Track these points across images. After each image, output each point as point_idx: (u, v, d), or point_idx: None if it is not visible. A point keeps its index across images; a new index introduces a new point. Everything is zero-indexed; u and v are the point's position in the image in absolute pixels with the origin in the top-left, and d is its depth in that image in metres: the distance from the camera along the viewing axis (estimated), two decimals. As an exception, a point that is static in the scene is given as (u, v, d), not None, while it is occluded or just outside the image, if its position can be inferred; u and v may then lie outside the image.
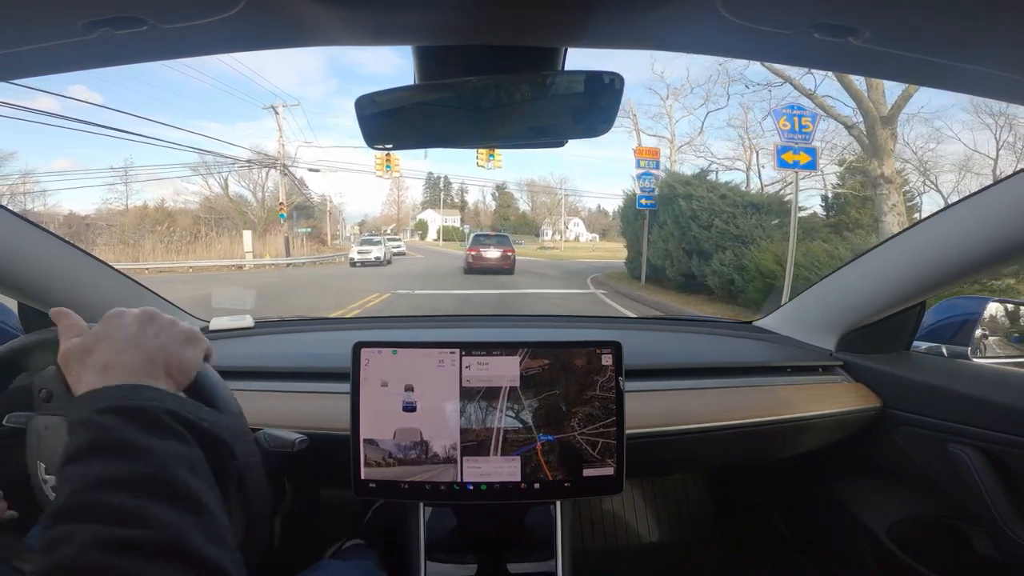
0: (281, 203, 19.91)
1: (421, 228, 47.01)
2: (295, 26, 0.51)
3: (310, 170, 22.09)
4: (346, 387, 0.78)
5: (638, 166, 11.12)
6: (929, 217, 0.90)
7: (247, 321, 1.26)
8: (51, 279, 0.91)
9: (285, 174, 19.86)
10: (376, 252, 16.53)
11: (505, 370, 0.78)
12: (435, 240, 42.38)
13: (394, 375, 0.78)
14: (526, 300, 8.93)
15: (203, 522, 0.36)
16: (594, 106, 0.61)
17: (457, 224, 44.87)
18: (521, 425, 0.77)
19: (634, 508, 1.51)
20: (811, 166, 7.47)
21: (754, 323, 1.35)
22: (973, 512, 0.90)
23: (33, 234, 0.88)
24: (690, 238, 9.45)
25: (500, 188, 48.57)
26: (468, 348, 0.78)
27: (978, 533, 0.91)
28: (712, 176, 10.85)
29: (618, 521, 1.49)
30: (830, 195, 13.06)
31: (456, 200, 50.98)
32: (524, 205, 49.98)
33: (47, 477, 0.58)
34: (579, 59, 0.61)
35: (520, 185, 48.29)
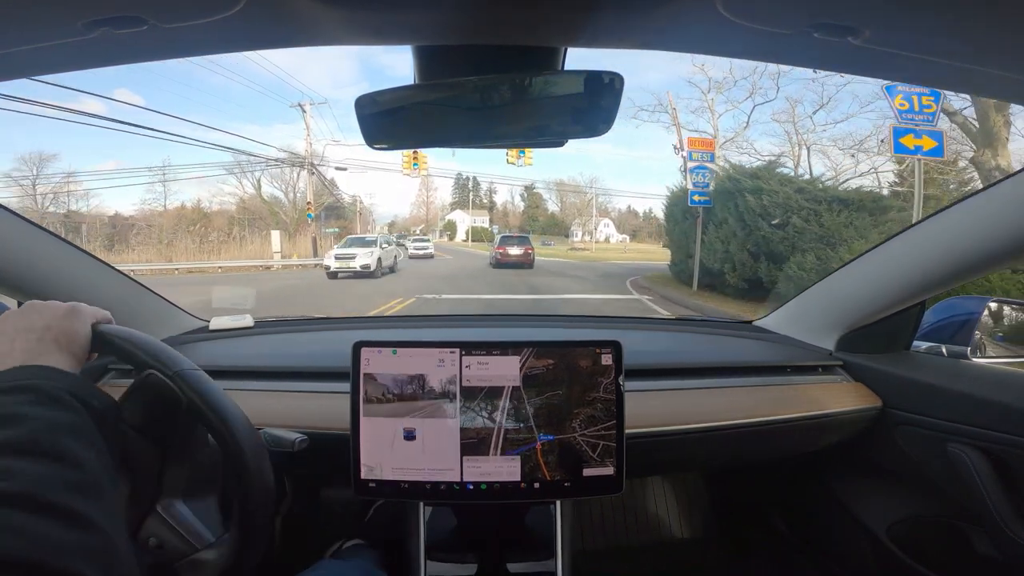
0: (309, 203, 19.44)
1: (450, 229, 46.35)
2: (295, 26, 0.51)
3: (337, 168, 21.69)
4: (346, 386, 0.78)
5: (690, 159, 9.81)
6: (929, 216, 0.90)
7: (247, 321, 1.26)
8: (51, 279, 0.91)
9: (313, 173, 19.52)
10: (364, 259, 11.69)
11: (505, 370, 0.78)
12: (464, 241, 41.93)
13: (394, 374, 0.78)
14: (563, 306, 8.24)
15: (72, 475, 0.36)
16: (594, 106, 0.61)
17: (486, 225, 44.37)
18: (522, 425, 0.77)
19: (634, 508, 1.51)
20: (937, 152, 6.45)
21: (754, 323, 1.35)
22: (973, 512, 0.90)
23: (33, 234, 0.88)
24: (758, 238, 8.19)
25: (528, 189, 47.83)
26: (468, 348, 0.78)
27: (978, 533, 0.91)
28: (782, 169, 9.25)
29: (618, 521, 1.49)
30: (887, 193, 11.19)
31: (485, 201, 50.34)
32: (553, 206, 49.20)
33: None
34: (579, 59, 0.62)
35: (549, 185, 47.50)
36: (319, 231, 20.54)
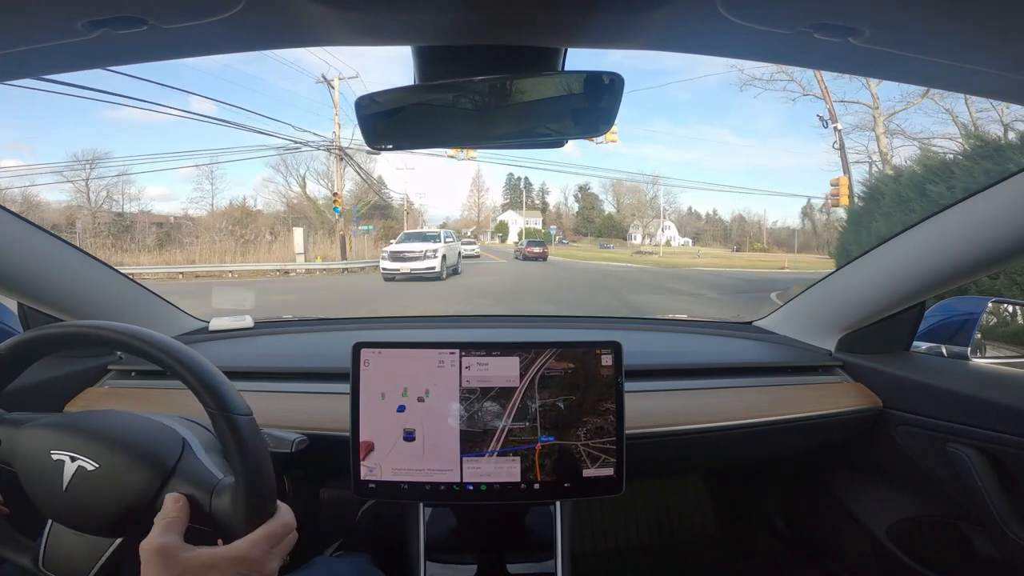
0: (335, 193, 16.44)
1: (502, 230, 44.22)
2: (295, 26, 0.51)
3: (370, 152, 16.99)
4: (346, 387, 0.78)
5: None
6: (929, 217, 0.90)
7: (247, 321, 1.26)
8: (54, 281, 0.91)
9: (341, 159, 16.35)
10: (430, 261, 10.31)
11: (505, 370, 0.78)
12: (516, 243, 40.57)
13: (394, 375, 0.78)
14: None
15: None
16: (594, 106, 0.62)
17: (539, 226, 42.49)
18: (526, 425, 0.77)
19: (634, 508, 1.51)
20: None
21: (754, 323, 1.35)
22: (973, 512, 0.90)
23: (36, 237, 0.88)
24: None
25: (583, 189, 45.96)
26: (467, 348, 0.78)
27: (978, 533, 0.91)
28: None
29: (618, 521, 1.49)
30: None
31: (537, 202, 48.04)
32: (609, 206, 46.32)
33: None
34: (580, 59, 0.61)
35: (605, 185, 44.76)
36: (348, 228, 17.63)
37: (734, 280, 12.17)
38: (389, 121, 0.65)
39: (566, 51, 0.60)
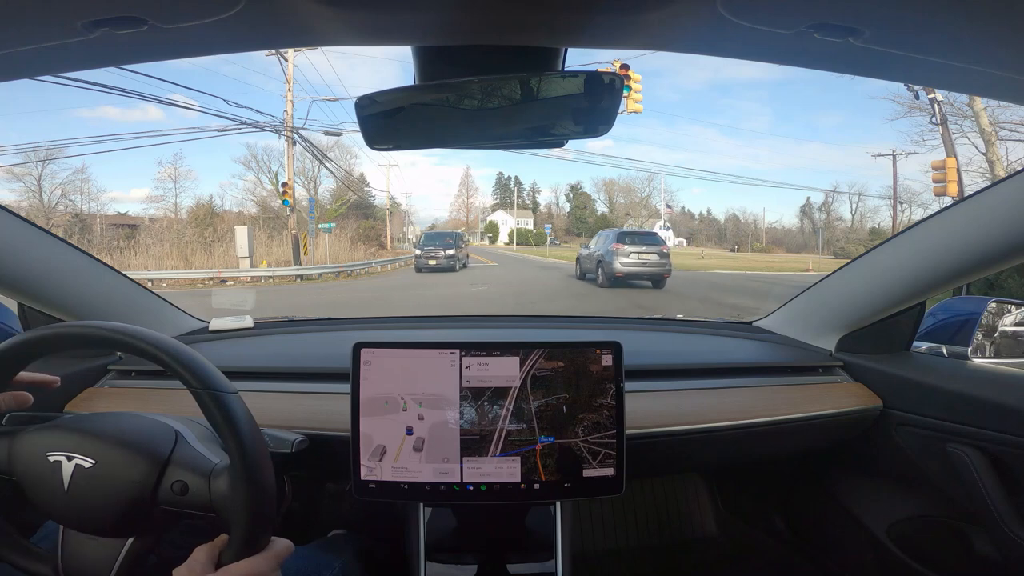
0: (285, 183, 14.02)
1: (492, 231, 43.21)
2: (295, 26, 0.51)
3: (327, 133, 15.88)
4: (346, 387, 0.78)
5: None
6: (929, 217, 0.90)
7: (247, 321, 1.26)
8: (50, 280, 0.91)
9: (295, 141, 14.35)
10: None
11: (505, 370, 0.78)
12: (507, 244, 39.22)
13: (394, 375, 0.78)
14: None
15: None
16: (594, 106, 0.62)
17: (530, 226, 41.46)
18: (524, 426, 0.77)
19: (634, 508, 1.51)
20: None
21: (754, 323, 1.35)
22: (973, 512, 0.90)
23: (39, 238, 0.88)
24: None
25: (575, 188, 45.51)
26: (468, 348, 0.78)
27: (978, 533, 0.91)
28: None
29: (618, 521, 1.49)
30: None
31: (528, 202, 47.56)
32: (602, 206, 45.66)
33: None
34: (579, 57, 0.57)
35: (597, 185, 44.52)
36: (300, 228, 15.06)
37: (789, 289, 9.23)
38: (389, 121, 0.65)
39: (566, 51, 0.60)
